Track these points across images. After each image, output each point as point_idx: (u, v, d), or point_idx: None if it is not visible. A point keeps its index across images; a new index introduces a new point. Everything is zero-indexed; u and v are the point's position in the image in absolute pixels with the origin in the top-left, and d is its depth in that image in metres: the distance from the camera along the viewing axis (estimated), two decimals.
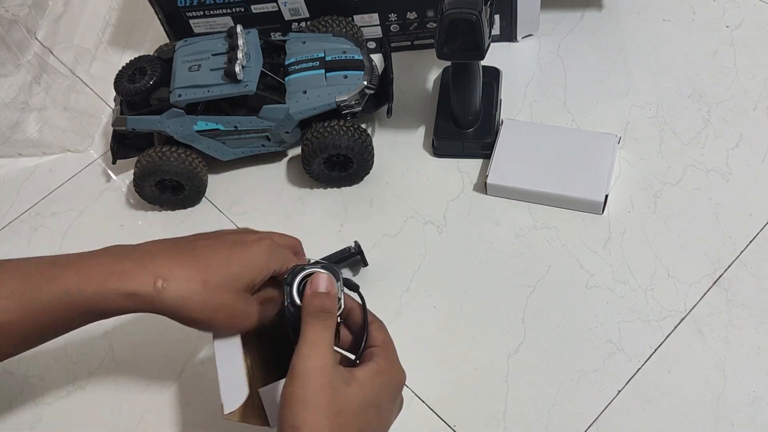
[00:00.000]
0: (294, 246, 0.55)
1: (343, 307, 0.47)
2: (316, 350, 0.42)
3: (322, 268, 0.46)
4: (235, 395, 0.47)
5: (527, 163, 0.70)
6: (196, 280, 0.45)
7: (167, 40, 0.85)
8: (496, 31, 0.81)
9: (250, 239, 0.49)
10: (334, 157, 0.71)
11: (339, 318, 0.47)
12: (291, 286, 0.45)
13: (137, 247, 0.48)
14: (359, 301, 0.50)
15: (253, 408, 0.47)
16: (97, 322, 0.70)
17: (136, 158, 0.73)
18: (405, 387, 0.60)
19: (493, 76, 0.76)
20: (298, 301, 0.45)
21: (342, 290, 0.48)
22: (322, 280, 0.45)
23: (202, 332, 0.68)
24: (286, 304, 0.46)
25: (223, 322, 0.47)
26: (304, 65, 0.71)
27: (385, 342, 0.48)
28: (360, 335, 0.48)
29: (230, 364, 0.48)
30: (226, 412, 0.46)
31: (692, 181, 0.69)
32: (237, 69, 0.67)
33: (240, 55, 0.68)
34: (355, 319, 0.49)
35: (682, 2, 0.83)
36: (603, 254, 0.66)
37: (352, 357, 0.48)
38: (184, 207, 0.76)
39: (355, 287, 0.50)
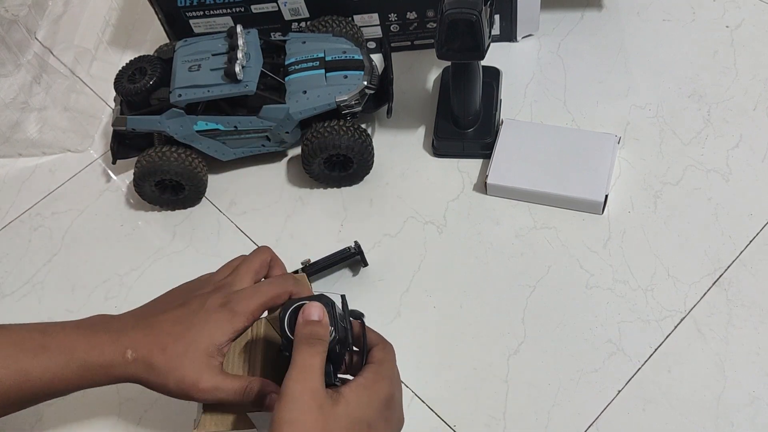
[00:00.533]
0: (263, 263, 0.56)
1: (339, 335, 0.47)
2: (304, 374, 0.43)
3: (316, 298, 0.47)
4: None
5: (527, 163, 0.70)
6: (157, 347, 0.49)
7: (167, 40, 0.85)
8: (496, 31, 0.81)
9: (216, 303, 0.51)
10: (334, 157, 0.71)
11: (347, 347, 0.48)
12: (283, 320, 0.46)
13: (114, 318, 0.52)
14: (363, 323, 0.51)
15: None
16: None
17: (136, 158, 0.73)
18: (405, 387, 0.60)
19: (493, 76, 0.76)
20: (289, 334, 0.46)
21: (343, 318, 0.48)
22: (313, 308, 0.46)
23: None
24: (282, 339, 0.46)
25: (177, 384, 0.48)
26: (304, 65, 0.71)
27: (381, 359, 0.48)
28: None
29: None
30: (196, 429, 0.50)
31: (692, 181, 0.69)
32: (237, 69, 0.67)
33: (240, 55, 0.68)
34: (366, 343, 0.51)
35: (682, 2, 0.83)
36: (603, 254, 0.66)
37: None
38: (184, 207, 0.76)
39: (358, 316, 0.51)
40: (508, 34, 0.82)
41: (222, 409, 0.50)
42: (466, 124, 0.72)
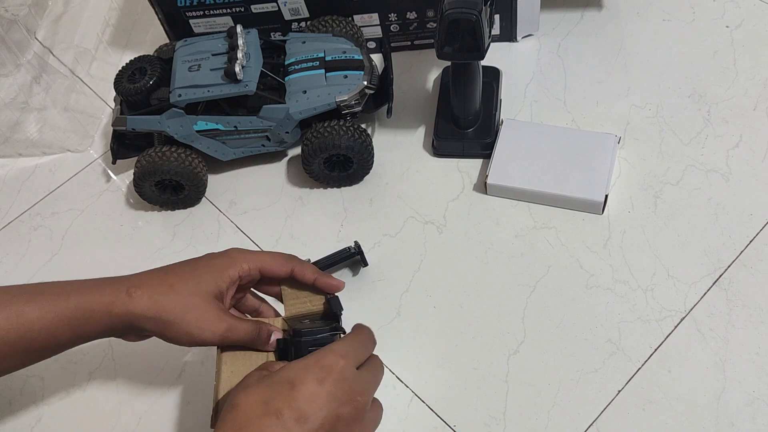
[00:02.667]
0: (290, 265, 0.56)
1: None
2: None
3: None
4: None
5: (527, 163, 0.70)
6: (164, 285, 0.49)
7: (167, 40, 0.85)
8: (496, 31, 0.81)
9: (218, 254, 0.53)
10: (334, 157, 0.71)
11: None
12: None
13: (123, 276, 0.53)
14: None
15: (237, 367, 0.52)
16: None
17: (136, 158, 0.73)
18: (405, 387, 0.60)
19: (493, 76, 0.76)
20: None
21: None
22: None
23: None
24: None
25: (193, 324, 0.49)
26: (304, 65, 0.71)
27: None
28: None
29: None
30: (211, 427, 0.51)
31: (692, 181, 0.69)
32: (237, 69, 0.67)
33: (240, 55, 0.68)
34: None
35: (682, 2, 0.83)
36: (603, 254, 0.66)
37: None
38: (184, 207, 0.76)
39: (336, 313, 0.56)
40: (508, 34, 0.82)
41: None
42: (466, 124, 0.72)
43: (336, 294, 0.57)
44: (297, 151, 0.77)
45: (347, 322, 0.55)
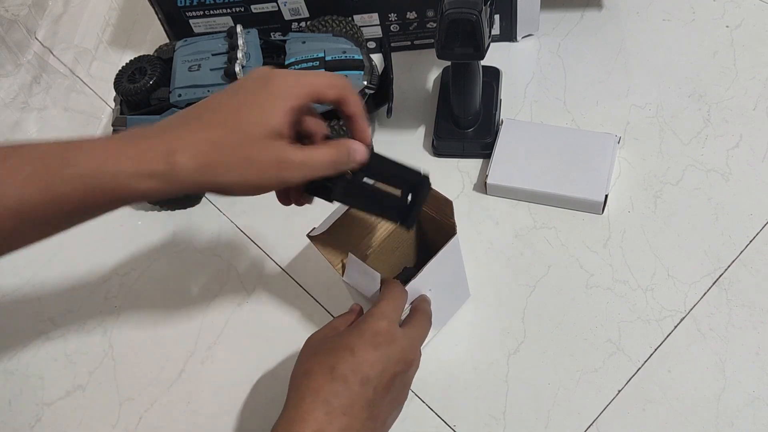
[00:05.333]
0: (339, 89, 0.47)
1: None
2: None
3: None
4: (319, 228, 0.54)
5: (527, 163, 0.70)
6: (206, 143, 0.41)
7: (167, 40, 0.85)
8: (496, 31, 0.81)
9: (262, 80, 0.44)
10: None
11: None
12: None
13: (156, 124, 0.44)
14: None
15: (331, 250, 0.55)
16: (97, 321, 0.70)
17: None
18: None
19: (493, 76, 0.76)
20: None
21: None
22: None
23: (203, 330, 0.68)
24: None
25: (257, 178, 0.43)
26: (304, 65, 0.71)
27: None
28: None
29: (335, 213, 0.55)
30: (309, 233, 0.54)
31: (692, 181, 0.69)
32: (237, 69, 0.67)
33: (240, 55, 0.68)
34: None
35: (682, 2, 0.83)
36: (603, 254, 0.66)
37: None
38: (184, 207, 0.76)
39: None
40: (508, 34, 0.82)
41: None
42: (466, 124, 0.72)
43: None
44: None
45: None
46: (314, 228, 0.55)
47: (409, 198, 0.48)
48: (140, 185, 0.42)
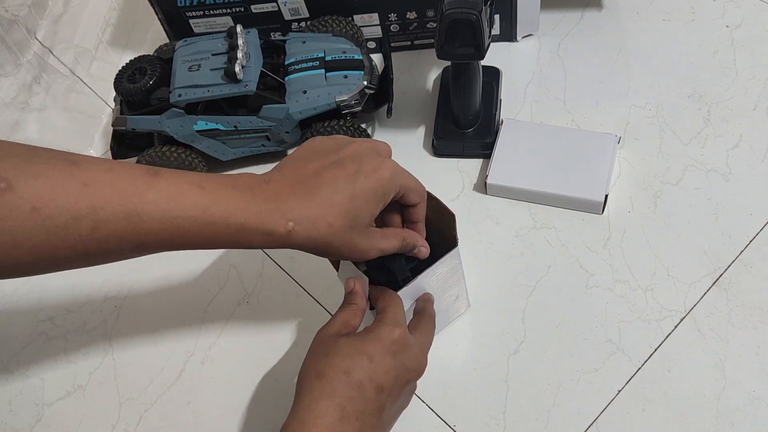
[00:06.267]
0: (422, 197, 0.54)
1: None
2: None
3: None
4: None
5: (527, 163, 0.70)
6: (323, 223, 0.47)
7: (167, 40, 0.85)
8: (496, 31, 0.81)
9: (371, 168, 0.49)
10: None
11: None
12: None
13: (269, 183, 0.49)
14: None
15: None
16: (97, 321, 0.70)
17: (136, 158, 0.73)
18: None
19: (493, 76, 0.76)
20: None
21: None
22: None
23: (203, 330, 0.68)
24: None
25: (347, 256, 0.50)
26: (304, 65, 0.71)
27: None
28: None
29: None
30: None
31: (692, 181, 0.69)
32: (237, 69, 0.67)
33: (240, 55, 0.68)
34: None
35: (682, 2, 0.83)
36: (603, 254, 0.66)
37: None
38: None
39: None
40: (508, 34, 0.82)
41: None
42: (466, 124, 0.72)
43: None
44: None
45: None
46: None
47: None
48: (256, 240, 0.48)
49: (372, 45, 0.84)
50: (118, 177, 0.44)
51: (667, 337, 0.60)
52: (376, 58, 0.79)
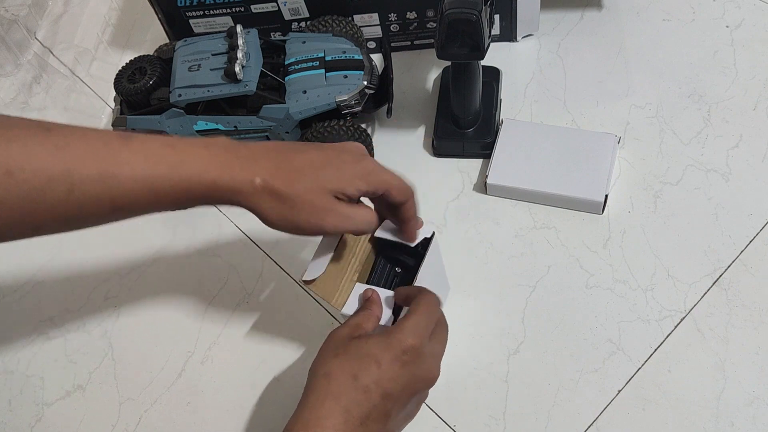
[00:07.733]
0: (408, 196, 0.54)
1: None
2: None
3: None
4: (314, 271, 0.54)
5: (527, 163, 0.70)
6: (286, 179, 0.48)
7: (167, 40, 0.85)
8: (496, 31, 0.81)
9: (351, 157, 0.51)
10: None
11: None
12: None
13: (247, 147, 0.50)
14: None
15: (326, 287, 0.55)
16: (97, 321, 0.70)
17: None
18: None
19: (493, 76, 0.76)
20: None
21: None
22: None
23: (203, 330, 0.68)
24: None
25: (303, 217, 0.49)
26: (304, 65, 0.71)
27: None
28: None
29: (323, 250, 0.55)
30: (304, 278, 0.54)
31: (692, 181, 0.69)
32: (237, 69, 0.67)
33: (240, 55, 0.68)
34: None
35: (682, 2, 0.83)
36: (603, 254, 0.66)
37: None
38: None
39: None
40: (508, 34, 0.82)
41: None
42: (466, 124, 0.72)
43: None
44: None
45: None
46: (305, 270, 0.54)
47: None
48: (226, 196, 0.48)
49: (372, 45, 0.84)
50: (91, 141, 0.45)
51: (667, 337, 0.60)
52: (376, 58, 0.79)
